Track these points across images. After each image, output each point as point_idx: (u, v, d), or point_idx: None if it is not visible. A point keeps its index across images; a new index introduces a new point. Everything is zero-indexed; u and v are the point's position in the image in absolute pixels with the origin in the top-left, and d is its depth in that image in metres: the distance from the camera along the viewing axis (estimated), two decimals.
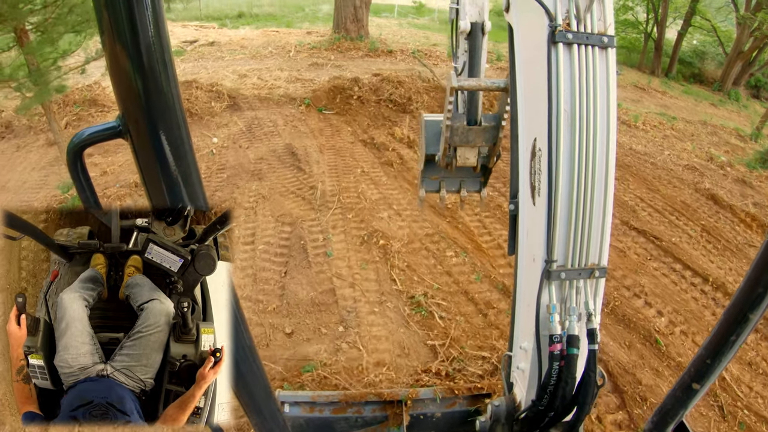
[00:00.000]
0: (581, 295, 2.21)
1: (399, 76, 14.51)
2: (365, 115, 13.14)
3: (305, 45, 20.27)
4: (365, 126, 12.56)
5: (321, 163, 10.43)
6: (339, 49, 19.92)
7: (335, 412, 4.22)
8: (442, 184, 3.44)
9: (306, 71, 16.76)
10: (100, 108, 12.55)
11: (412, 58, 19.52)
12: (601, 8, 2.00)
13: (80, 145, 1.13)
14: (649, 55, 24.98)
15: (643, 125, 15.24)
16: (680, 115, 17.52)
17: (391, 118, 13.08)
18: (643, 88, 20.84)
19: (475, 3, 2.95)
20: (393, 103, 13.66)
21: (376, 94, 13.85)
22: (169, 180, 1.04)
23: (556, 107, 1.99)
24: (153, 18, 0.87)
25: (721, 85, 23.82)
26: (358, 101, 13.59)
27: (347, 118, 12.99)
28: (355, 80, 14.14)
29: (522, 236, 2.40)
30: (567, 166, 2.04)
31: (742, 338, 1.66)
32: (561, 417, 2.23)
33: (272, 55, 19.07)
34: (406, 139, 11.85)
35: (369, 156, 11.05)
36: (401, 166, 10.54)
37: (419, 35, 24.51)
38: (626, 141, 13.58)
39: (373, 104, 13.54)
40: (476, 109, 2.98)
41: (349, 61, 18.48)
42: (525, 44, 2.24)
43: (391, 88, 14.03)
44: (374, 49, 20.12)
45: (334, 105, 13.49)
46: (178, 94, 0.98)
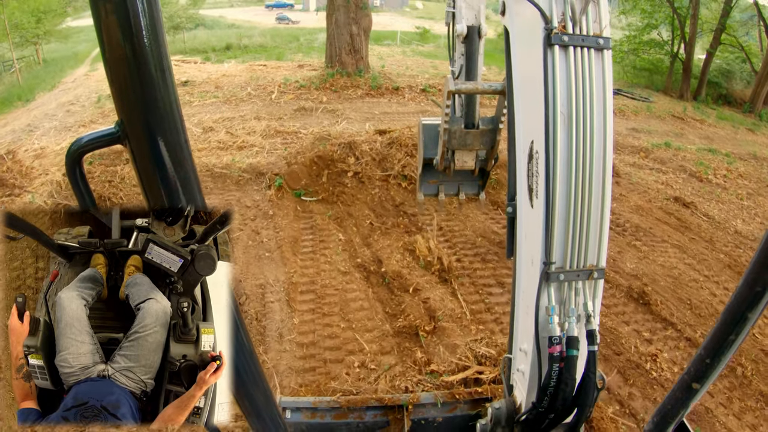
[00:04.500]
0: (580, 296, 2.21)
1: (414, 134, 10.24)
2: (366, 205, 9.09)
3: (292, 83, 16.79)
4: (366, 228, 8.45)
5: (286, 338, 5.90)
6: (333, 87, 16.37)
7: (336, 418, 4.21)
8: (440, 187, 3.47)
9: (290, 119, 13.36)
10: (8, 190, 8.61)
11: (423, 96, 16.41)
12: (597, 10, 2.04)
13: (79, 151, 1.13)
14: (676, 77, 23.99)
15: (715, 176, 12.72)
16: (726, 148, 15.80)
17: (407, 211, 8.97)
18: (681, 118, 18.99)
19: (471, 7, 2.99)
20: (407, 182, 9.50)
21: (381, 167, 9.73)
22: (168, 185, 1.05)
23: (553, 109, 2.01)
24: (151, 25, 0.90)
25: (752, 106, 22.55)
26: (354, 180, 9.48)
27: (338, 211, 8.91)
28: (349, 146, 9.91)
29: (520, 239, 2.40)
30: (564, 168, 2.05)
31: (741, 337, 1.63)
32: (561, 418, 2.22)
33: (250, 98, 15.52)
34: (436, 260, 7.33)
35: (374, 311, 6.45)
36: (436, 339, 5.88)
37: (427, 65, 22.02)
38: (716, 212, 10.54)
39: (378, 184, 9.49)
40: (474, 112, 3.02)
41: (346, 104, 15.07)
42: (521, 47, 2.27)
43: (402, 155, 9.85)
44: (377, 86, 16.69)
45: (319, 186, 9.37)
46: (176, 99, 1.00)
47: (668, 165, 13.14)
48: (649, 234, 9.37)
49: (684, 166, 13.13)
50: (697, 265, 8.52)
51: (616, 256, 8.44)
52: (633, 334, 6.59)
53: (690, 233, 9.56)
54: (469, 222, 9.15)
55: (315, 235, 8.26)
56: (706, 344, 1.71)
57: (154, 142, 1.00)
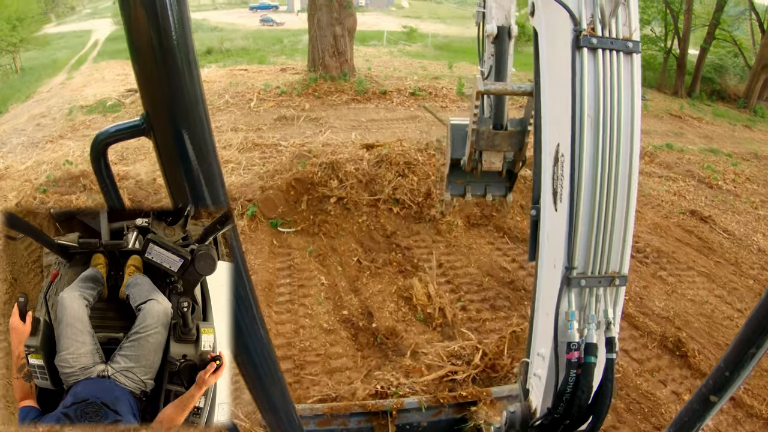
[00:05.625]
0: (601, 303, 2.19)
1: (406, 150, 9.22)
2: (352, 236, 8.08)
3: (273, 89, 15.71)
4: (353, 268, 7.35)
5: None
6: (316, 92, 15.33)
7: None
8: (467, 188, 3.44)
9: (270, 130, 12.45)
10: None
11: (413, 100, 15.43)
12: (627, 13, 2.00)
13: (104, 142, 1.12)
14: (670, 73, 23.93)
15: (724, 181, 12.39)
16: (726, 147, 15.62)
17: (400, 243, 7.98)
18: (678, 116, 18.77)
19: (501, 6, 2.95)
20: (400, 206, 8.45)
21: (369, 190, 8.59)
22: (192, 179, 1.04)
23: (580, 112, 1.98)
24: (178, 17, 0.88)
25: (747, 102, 22.62)
26: (338, 207, 8.38)
27: (320, 245, 7.79)
28: (332, 167, 8.65)
29: (543, 242, 2.38)
30: (590, 172, 2.02)
31: (762, 351, 1.62)
32: (576, 425, 2.20)
33: (228, 106, 14.36)
34: (438, 311, 6.41)
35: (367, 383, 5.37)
36: None
37: (415, 65, 21.23)
38: (734, 225, 10.15)
39: (366, 210, 8.41)
40: (502, 113, 2.99)
41: (330, 111, 14.07)
42: (550, 49, 2.23)
43: (393, 175, 8.70)
44: (363, 90, 15.67)
45: (298, 214, 8.32)
46: (201, 93, 0.99)
47: (675, 170, 12.92)
48: (673, 260, 8.99)
49: (691, 170, 12.93)
50: (728, 296, 8.13)
51: (642, 293, 7.97)
52: (672, 399, 5.94)
53: (714, 255, 9.29)
54: (473, 255, 8.10)
55: (293, 278, 7.23)
56: (726, 356, 1.71)
57: (178, 135, 0.99)
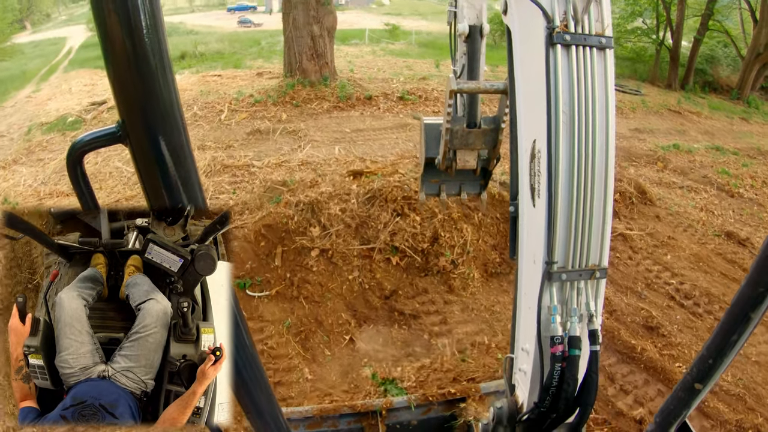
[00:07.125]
0: (582, 296, 2.21)
1: (403, 181, 7.30)
2: (342, 299, 6.38)
3: (246, 98, 13.94)
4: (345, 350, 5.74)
5: None
6: (294, 100, 13.56)
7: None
8: (442, 187, 3.46)
9: (242, 147, 10.92)
10: None
11: (401, 105, 13.77)
12: (599, 9, 2.02)
13: (80, 150, 1.13)
14: (662, 66, 23.72)
15: (744, 187, 11.69)
16: (729, 143, 15.08)
17: (404, 308, 6.45)
18: (677, 112, 18.20)
19: (473, 6, 2.96)
20: (399, 255, 6.71)
21: (360, 236, 6.78)
22: (169, 184, 1.04)
23: (555, 109, 2.00)
24: (151, 23, 0.89)
25: (740, 93, 22.43)
26: (322, 261, 6.57)
27: (301, 315, 6.16)
28: (311, 209, 6.84)
29: (522, 238, 2.40)
30: (566, 168, 2.04)
31: (744, 338, 1.64)
32: (563, 419, 2.22)
33: (196, 120, 12.52)
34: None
35: None
36: None
37: (400, 65, 19.68)
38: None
39: (357, 264, 6.64)
40: (476, 111, 3.00)
41: (310, 121, 12.50)
42: (523, 46, 2.25)
43: (390, 215, 6.82)
44: (346, 96, 13.96)
45: (272, 272, 6.54)
46: (177, 98, 0.99)
47: (691, 177, 12.55)
48: (725, 306, 7.81)
49: (707, 176, 12.43)
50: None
51: None
52: None
53: None
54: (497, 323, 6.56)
55: (268, 371, 5.57)
56: (709, 345, 1.72)
57: (154, 141, 0.99)
